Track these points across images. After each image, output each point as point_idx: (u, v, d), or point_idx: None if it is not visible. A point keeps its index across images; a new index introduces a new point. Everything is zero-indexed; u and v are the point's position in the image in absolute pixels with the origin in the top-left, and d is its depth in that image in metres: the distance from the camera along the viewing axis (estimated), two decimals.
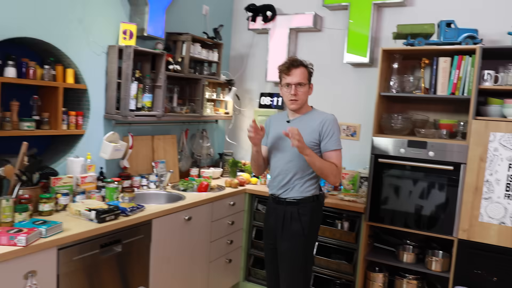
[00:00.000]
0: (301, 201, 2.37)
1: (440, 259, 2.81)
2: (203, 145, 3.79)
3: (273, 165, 2.49)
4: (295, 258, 2.37)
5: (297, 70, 2.35)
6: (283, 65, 2.39)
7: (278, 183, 2.43)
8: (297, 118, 2.45)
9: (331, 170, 2.30)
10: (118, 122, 3.04)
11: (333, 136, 2.35)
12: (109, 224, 2.29)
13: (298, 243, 2.36)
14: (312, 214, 2.39)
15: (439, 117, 3.16)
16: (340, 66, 3.65)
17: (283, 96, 2.44)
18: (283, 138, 2.39)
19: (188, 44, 3.34)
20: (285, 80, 2.38)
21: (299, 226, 2.36)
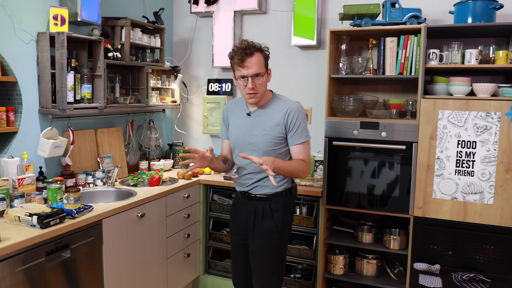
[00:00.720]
0: (273, 197, 2.19)
1: (398, 237, 2.87)
2: (151, 136, 3.60)
3: (239, 162, 2.26)
4: (268, 255, 2.20)
5: (252, 59, 2.05)
6: (235, 55, 2.06)
7: (248, 180, 2.23)
8: (257, 110, 2.21)
9: (300, 170, 2.11)
10: (56, 117, 2.78)
11: (299, 128, 2.13)
12: (54, 229, 2.09)
13: (271, 241, 2.18)
14: (285, 209, 2.21)
15: (387, 97, 3.20)
16: (288, 49, 3.59)
17: (239, 89, 2.16)
18: (246, 133, 2.19)
19: (128, 30, 3.12)
20: (239, 72, 2.08)
21: (272, 223, 2.18)
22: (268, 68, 2.20)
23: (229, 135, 2.31)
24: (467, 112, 2.61)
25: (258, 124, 2.17)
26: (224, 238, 3.34)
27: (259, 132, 2.16)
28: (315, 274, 3.08)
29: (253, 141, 2.17)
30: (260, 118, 2.17)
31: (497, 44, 2.88)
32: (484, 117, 2.57)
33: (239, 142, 2.24)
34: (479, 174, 2.59)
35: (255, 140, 2.17)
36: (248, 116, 2.23)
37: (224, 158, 2.38)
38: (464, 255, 2.65)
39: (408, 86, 3.11)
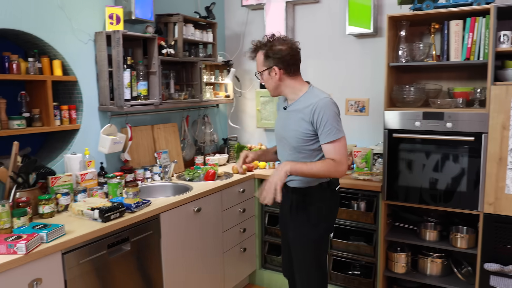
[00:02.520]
0: (307, 190, 2.13)
1: (466, 235, 2.68)
2: (206, 131, 3.62)
3: (278, 152, 2.28)
4: (302, 248, 2.16)
5: (256, 58, 2.14)
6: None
7: None
8: (292, 104, 2.14)
9: (327, 170, 1.97)
10: (114, 114, 2.86)
11: (326, 126, 1.98)
12: (114, 222, 2.15)
13: (305, 233, 2.14)
14: (321, 203, 2.14)
15: (452, 85, 3.00)
16: (343, 38, 3.46)
17: None
18: (281, 128, 2.19)
19: (180, 26, 3.14)
20: None
21: (305, 216, 2.14)
22: (272, 67, 2.06)
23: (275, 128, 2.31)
24: None
25: (291, 119, 2.11)
26: (280, 233, 3.29)
27: (291, 128, 2.11)
28: (375, 272, 2.96)
29: (285, 136, 2.15)
30: (293, 114, 2.11)
31: None
32: None
33: (277, 135, 2.25)
34: None
35: (287, 136, 2.13)
36: (284, 110, 2.20)
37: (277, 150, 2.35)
38: None
39: (475, 72, 2.89)
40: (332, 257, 3.10)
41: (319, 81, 3.60)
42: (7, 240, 1.75)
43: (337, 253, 3.08)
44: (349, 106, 3.47)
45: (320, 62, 3.60)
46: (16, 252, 1.72)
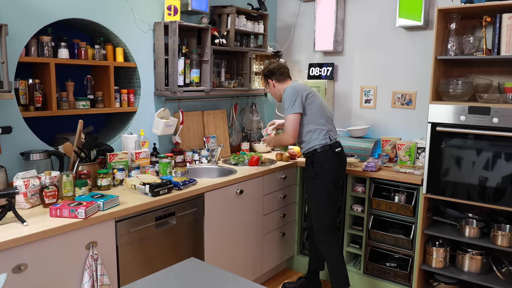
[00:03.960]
0: (309, 154, 2.85)
1: (508, 233, 2.63)
2: (253, 119, 3.77)
3: None
4: (312, 197, 2.89)
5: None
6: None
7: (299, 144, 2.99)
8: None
9: (282, 141, 2.97)
10: (168, 99, 3.08)
11: (284, 104, 2.83)
12: (162, 197, 2.35)
13: (312, 185, 2.84)
14: (324, 161, 2.79)
15: (504, 80, 2.92)
16: (393, 31, 3.46)
17: None
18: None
19: (233, 17, 3.29)
20: None
21: (312, 171, 2.83)
22: (269, 80, 3.00)
23: None
24: None
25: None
26: None
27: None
28: (412, 264, 2.98)
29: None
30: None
31: None
32: None
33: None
34: None
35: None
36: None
37: None
38: None
39: None
40: (369, 248, 3.15)
41: (366, 73, 3.64)
42: (70, 205, 1.99)
43: (375, 244, 3.12)
44: (396, 99, 3.47)
45: (369, 54, 3.62)
46: (77, 216, 1.96)
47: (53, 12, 2.37)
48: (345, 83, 3.77)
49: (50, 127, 2.66)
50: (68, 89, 2.60)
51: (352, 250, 3.27)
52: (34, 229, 1.81)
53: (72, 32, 2.67)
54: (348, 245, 3.30)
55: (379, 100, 3.58)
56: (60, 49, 2.49)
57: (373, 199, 3.08)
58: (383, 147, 3.42)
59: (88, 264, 1.99)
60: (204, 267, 1.55)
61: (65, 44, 2.49)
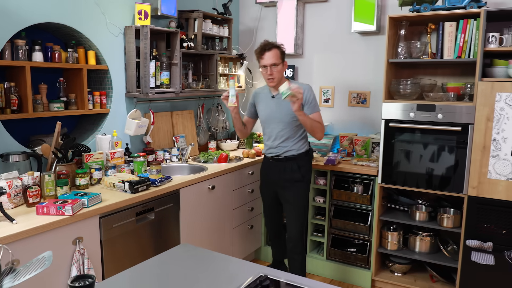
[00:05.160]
0: (297, 156, 2.85)
1: (451, 216, 2.99)
2: (219, 118, 3.94)
3: (268, 133, 2.92)
4: (299, 202, 2.87)
5: (270, 53, 2.73)
6: (257, 50, 2.80)
7: (276, 146, 2.87)
8: (278, 94, 2.70)
9: (319, 127, 2.75)
10: (140, 100, 3.19)
11: (312, 101, 2.78)
12: (142, 194, 2.48)
13: (300, 188, 2.86)
14: (307, 165, 2.90)
15: (446, 81, 3.28)
16: (348, 35, 3.74)
17: (263, 76, 2.84)
18: (273, 111, 2.85)
19: (200, 21, 3.45)
20: (261, 63, 2.77)
21: (299, 175, 2.84)
22: (285, 61, 2.83)
23: (259, 114, 2.97)
24: None
25: (282, 104, 2.77)
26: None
27: (283, 110, 2.79)
28: (370, 248, 3.27)
29: (278, 116, 2.82)
30: (282, 99, 2.59)
31: None
32: None
33: (268, 118, 2.89)
34: None
35: (280, 115, 2.81)
36: (272, 98, 2.87)
37: (244, 123, 3.03)
38: None
39: (468, 69, 3.17)
40: (331, 235, 3.42)
41: (325, 74, 3.91)
42: (56, 203, 2.09)
43: (336, 231, 3.40)
44: (352, 98, 3.76)
45: (327, 57, 3.89)
46: (64, 213, 2.06)
47: (29, 16, 2.43)
48: None
49: (24, 129, 2.70)
50: (41, 92, 2.66)
51: (316, 239, 3.52)
52: (23, 226, 1.90)
53: (44, 36, 2.73)
54: (311, 234, 3.55)
55: (337, 99, 3.87)
56: (35, 53, 2.55)
57: (334, 190, 3.35)
58: (341, 143, 3.71)
59: (75, 258, 2.09)
60: (196, 250, 1.71)
61: (39, 47, 2.56)
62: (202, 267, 1.52)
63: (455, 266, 2.95)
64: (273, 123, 2.86)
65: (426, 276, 3.21)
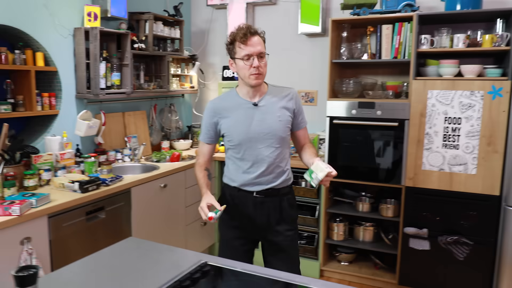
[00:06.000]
0: (287, 188, 2.12)
1: (391, 206, 3.20)
2: (172, 118, 4.00)
3: (247, 158, 2.03)
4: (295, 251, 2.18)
5: (256, 38, 1.92)
6: (239, 33, 1.92)
7: (266, 175, 2.03)
8: (263, 99, 2.02)
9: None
10: (90, 101, 3.20)
11: (303, 112, 2.14)
12: (92, 193, 2.51)
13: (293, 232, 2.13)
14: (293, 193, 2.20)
15: (386, 80, 3.49)
16: (296, 37, 3.90)
17: (240, 71, 1.96)
18: (258, 125, 2.00)
19: (151, 23, 3.50)
20: (242, 51, 1.90)
21: (295, 214, 2.16)
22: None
23: (230, 133, 2.04)
24: (453, 91, 2.89)
25: (270, 112, 2.00)
26: None
27: (274, 119, 2.00)
28: (318, 240, 3.44)
29: (269, 131, 1.99)
30: (270, 106, 2.01)
31: (486, 28, 3.11)
32: (469, 95, 2.85)
33: (250, 136, 2.01)
34: (464, 147, 2.88)
35: (272, 129, 2.00)
36: (254, 106, 2.01)
37: (208, 172, 2.15)
38: (450, 221, 2.95)
39: (405, 69, 3.37)
40: None
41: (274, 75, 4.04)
42: (3, 204, 2.10)
43: None
44: (301, 97, 3.93)
45: (276, 57, 4.02)
46: (11, 214, 2.07)
47: None
48: None
49: None
50: None
51: None
52: None
53: None
54: None
55: None
56: None
57: None
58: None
59: (23, 258, 2.11)
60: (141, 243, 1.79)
61: None
62: (147, 258, 1.60)
63: (395, 253, 3.16)
64: (259, 142, 2.01)
65: (370, 264, 3.41)
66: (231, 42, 1.97)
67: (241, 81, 2.03)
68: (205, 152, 2.17)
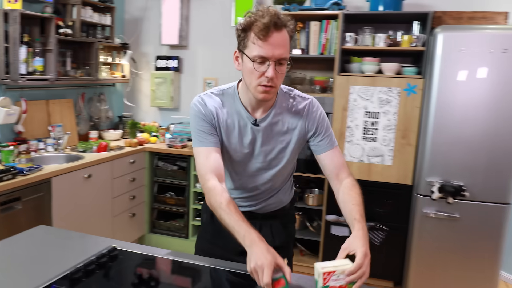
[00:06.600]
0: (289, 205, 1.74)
1: (315, 195, 3.33)
2: (101, 108, 3.89)
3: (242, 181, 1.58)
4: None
5: (280, 35, 1.32)
6: (258, 22, 1.30)
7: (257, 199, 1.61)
8: (268, 116, 1.48)
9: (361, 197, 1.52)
10: (9, 87, 3.04)
11: (328, 129, 1.59)
12: (6, 183, 2.40)
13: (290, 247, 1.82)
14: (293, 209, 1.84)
15: (315, 75, 3.62)
16: (231, 29, 3.93)
17: (246, 75, 1.41)
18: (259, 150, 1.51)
19: (79, 8, 3.38)
20: (256, 50, 1.32)
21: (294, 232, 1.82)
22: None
23: (229, 149, 1.51)
24: (373, 87, 3.05)
25: (276, 135, 1.51)
26: (167, 200, 3.72)
27: (280, 146, 1.52)
28: None
29: (271, 158, 1.53)
30: (276, 127, 1.50)
31: (406, 30, 3.31)
32: (387, 92, 3.02)
33: (250, 159, 1.54)
34: (381, 140, 3.06)
35: (274, 158, 1.54)
36: (256, 127, 1.49)
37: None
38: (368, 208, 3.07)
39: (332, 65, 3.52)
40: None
41: (209, 66, 4.07)
42: None
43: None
44: None
45: (211, 49, 4.04)
46: None
47: None
48: (190, 75, 4.14)
49: None
50: None
51: (197, 223, 3.68)
52: None
53: None
54: (193, 219, 3.70)
55: None
56: None
57: None
58: None
59: None
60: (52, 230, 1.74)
61: None
62: (55, 245, 1.57)
63: (319, 239, 3.30)
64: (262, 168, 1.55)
65: (296, 250, 3.53)
66: (244, 29, 1.35)
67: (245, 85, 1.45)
68: (215, 160, 1.43)
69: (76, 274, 1.30)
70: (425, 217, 2.88)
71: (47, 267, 1.36)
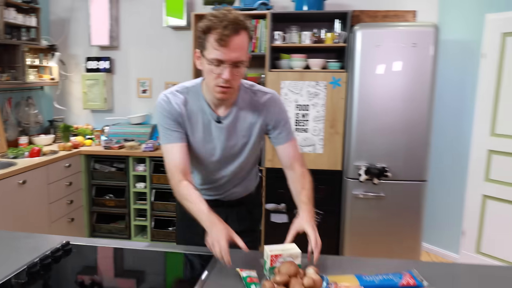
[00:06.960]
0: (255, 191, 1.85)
1: None
2: (30, 112, 3.76)
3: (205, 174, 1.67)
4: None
5: (238, 38, 1.36)
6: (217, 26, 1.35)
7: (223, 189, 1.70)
8: (230, 113, 1.55)
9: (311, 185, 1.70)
10: None
11: (286, 122, 1.64)
12: None
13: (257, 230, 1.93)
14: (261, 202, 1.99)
15: (248, 72, 3.78)
16: (162, 30, 3.97)
17: (206, 75, 1.46)
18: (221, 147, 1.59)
19: (1, 9, 3.24)
20: (213, 53, 1.37)
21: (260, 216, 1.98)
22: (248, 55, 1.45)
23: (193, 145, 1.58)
24: (302, 82, 3.27)
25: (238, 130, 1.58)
26: (107, 203, 3.69)
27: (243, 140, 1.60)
28: None
29: (234, 153, 1.61)
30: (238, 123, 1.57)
31: (329, 28, 3.56)
32: (314, 85, 3.26)
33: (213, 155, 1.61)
34: (312, 130, 3.29)
35: (238, 152, 1.62)
36: (219, 124, 1.56)
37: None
38: None
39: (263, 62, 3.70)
40: (154, 218, 3.65)
41: (142, 66, 4.08)
42: None
43: (158, 213, 3.65)
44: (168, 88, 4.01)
45: (143, 49, 4.05)
46: None
47: None
48: (123, 76, 4.12)
49: None
50: None
51: (140, 223, 3.69)
52: None
53: None
54: (135, 219, 3.70)
55: (154, 90, 4.07)
56: None
57: (153, 175, 3.56)
58: None
59: None
60: None
61: None
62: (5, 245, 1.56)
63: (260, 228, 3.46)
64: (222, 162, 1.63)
65: None
66: (203, 31, 1.38)
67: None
68: (180, 156, 1.52)
69: (33, 268, 1.33)
70: (355, 198, 3.16)
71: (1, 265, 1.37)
